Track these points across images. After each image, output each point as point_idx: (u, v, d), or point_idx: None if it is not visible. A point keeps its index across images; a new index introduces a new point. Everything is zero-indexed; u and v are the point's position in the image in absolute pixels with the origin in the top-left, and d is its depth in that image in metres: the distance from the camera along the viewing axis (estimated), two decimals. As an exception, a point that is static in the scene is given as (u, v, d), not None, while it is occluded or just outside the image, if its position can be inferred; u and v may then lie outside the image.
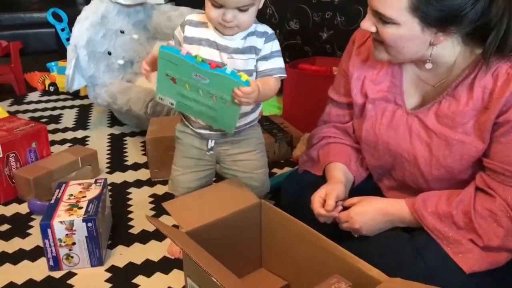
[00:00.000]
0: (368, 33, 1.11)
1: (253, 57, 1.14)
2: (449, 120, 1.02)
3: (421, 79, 1.11)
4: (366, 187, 1.23)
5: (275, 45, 1.16)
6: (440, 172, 1.05)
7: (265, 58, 1.15)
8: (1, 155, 1.60)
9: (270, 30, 1.17)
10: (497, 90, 0.96)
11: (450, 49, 1.02)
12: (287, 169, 1.88)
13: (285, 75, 1.17)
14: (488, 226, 0.97)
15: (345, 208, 1.10)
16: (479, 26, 0.95)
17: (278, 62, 1.16)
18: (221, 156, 1.26)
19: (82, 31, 2.03)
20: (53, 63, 2.92)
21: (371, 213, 1.07)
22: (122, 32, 2.22)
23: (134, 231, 1.47)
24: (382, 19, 0.98)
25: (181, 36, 1.16)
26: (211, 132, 1.21)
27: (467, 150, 1.01)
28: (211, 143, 1.23)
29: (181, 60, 1.03)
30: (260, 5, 1.13)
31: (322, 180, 1.20)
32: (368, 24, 1.03)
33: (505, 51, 0.94)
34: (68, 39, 2.83)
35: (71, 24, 2.43)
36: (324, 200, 1.10)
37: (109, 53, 2.17)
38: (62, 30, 2.88)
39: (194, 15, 1.17)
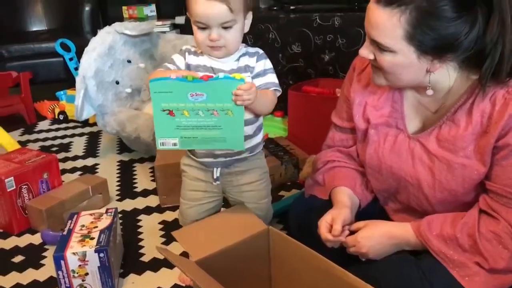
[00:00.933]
0: (368, 60, 1.14)
1: (248, 75, 1.18)
2: (450, 144, 1.04)
3: (421, 104, 1.13)
4: (372, 210, 1.24)
5: (267, 63, 1.21)
6: (444, 195, 1.07)
7: (259, 75, 1.19)
8: (14, 187, 1.64)
9: (260, 51, 1.22)
10: (495, 115, 0.98)
11: (447, 75, 1.04)
12: (294, 191, 1.90)
13: (280, 91, 1.21)
14: (493, 248, 0.98)
15: (352, 232, 1.12)
16: (474, 53, 0.98)
17: (272, 78, 1.20)
18: (227, 187, 1.29)
19: (90, 62, 2.08)
20: (62, 92, 2.98)
21: (377, 237, 1.08)
22: (129, 61, 2.27)
23: (145, 259, 1.49)
24: (379, 47, 1.01)
25: (183, 63, 1.20)
26: (216, 160, 1.23)
27: (468, 173, 1.02)
28: (216, 173, 1.25)
29: (174, 84, 1.04)
30: (246, 29, 1.18)
31: (328, 204, 1.22)
32: (366, 52, 1.06)
33: (500, 77, 0.96)
34: (76, 68, 2.91)
35: (79, 53, 2.50)
36: (330, 225, 1.11)
37: (117, 82, 2.22)
38: (71, 59, 2.95)
39: (189, 46, 1.23)
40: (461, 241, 1.00)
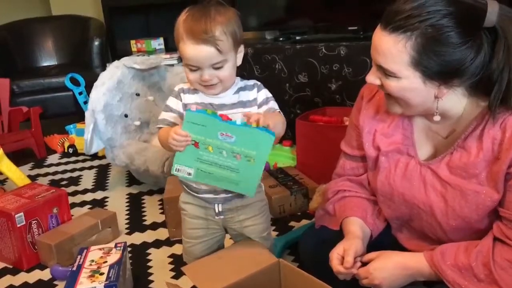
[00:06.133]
0: (376, 88, 1.14)
1: (249, 111, 1.18)
2: (462, 171, 1.03)
3: (432, 130, 1.13)
4: (383, 240, 1.22)
5: (268, 93, 1.22)
6: (457, 222, 1.05)
7: (263, 103, 1.20)
8: (24, 223, 1.64)
9: (258, 82, 1.23)
10: (506, 141, 0.97)
11: (456, 102, 1.04)
12: (304, 222, 1.88)
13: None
14: (509, 277, 0.95)
15: (364, 264, 1.10)
16: (482, 79, 0.98)
17: (275, 105, 1.21)
18: (228, 223, 1.26)
19: (99, 97, 2.11)
20: (71, 126, 3.01)
21: (390, 268, 1.06)
22: (137, 94, 2.30)
23: (155, 293, 1.48)
24: (385, 72, 1.02)
25: (180, 104, 1.19)
26: (216, 196, 1.21)
27: (482, 200, 1.01)
28: (218, 208, 1.23)
29: (209, 120, 1.06)
30: (239, 62, 1.17)
31: (339, 234, 1.20)
32: (372, 78, 1.07)
33: (508, 103, 0.96)
34: (85, 102, 2.94)
35: (88, 87, 2.53)
36: (342, 257, 1.10)
37: (126, 116, 2.24)
38: (80, 93, 2.99)
39: (182, 84, 1.22)
40: (476, 270, 0.98)
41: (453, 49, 0.94)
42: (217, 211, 1.23)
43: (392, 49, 0.98)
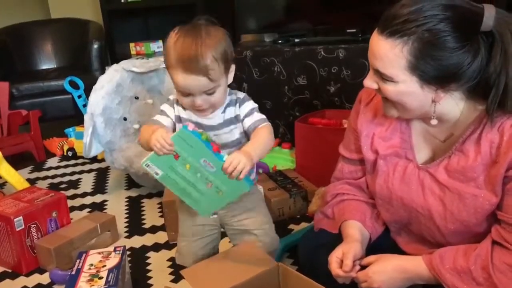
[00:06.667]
0: (374, 92, 1.14)
1: (235, 127, 1.20)
2: (460, 174, 1.03)
3: (429, 133, 1.13)
4: (382, 243, 1.23)
5: (251, 104, 1.22)
6: (456, 225, 1.06)
7: (247, 115, 1.20)
8: (23, 227, 1.64)
9: (241, 95, 1.22)
10: (504, 144, 0.97)
11: (453, 106, 1.05)
12: (303, 225, 1.88)
13: (269, 124, 1.21)
14: (508, 280, 0.96)
15: (363, 267, 1.10)
16: (479, 82, 0.98)
17: (259, 116, 1.21)
18: (225, 219, 1.27)
19: (98, 100, 2.11)
20: (71, 129, 3.00)
21: (389, 272, 1.06)
22: (136, 98, 2.30)
23: (154, 297, 1.48)
24: (382, 77, 1.02)
25: (173, 114, 1.20)
26: None
27: (480, 203, 1.01)
28: None
29: (199, 144, 1.06)
30: (230, 81, 1.17)
31: (338, 238, 1.20)
32: (370, 82, 1.07)
33: (506, 107, 0.96)
34: (84, 105, 2.95)
35: (87, 90, 2.53)
36: (341, 260, 1.10)
37: (125, 119, 2.24)
38: (79, 97, 2.99)
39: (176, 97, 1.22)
40: (475, 274, 0.98)
41: (450, 53, 0.94)
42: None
43: (389, 53, 0.98)
